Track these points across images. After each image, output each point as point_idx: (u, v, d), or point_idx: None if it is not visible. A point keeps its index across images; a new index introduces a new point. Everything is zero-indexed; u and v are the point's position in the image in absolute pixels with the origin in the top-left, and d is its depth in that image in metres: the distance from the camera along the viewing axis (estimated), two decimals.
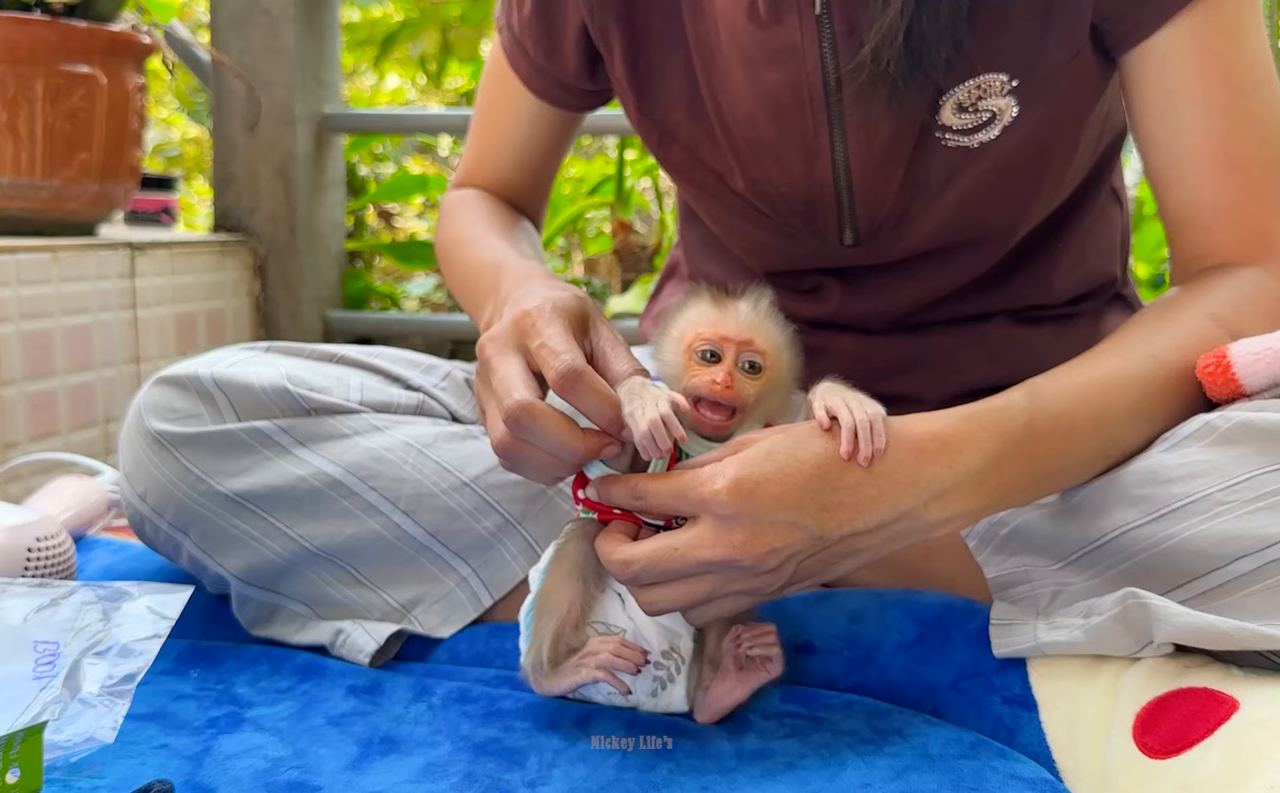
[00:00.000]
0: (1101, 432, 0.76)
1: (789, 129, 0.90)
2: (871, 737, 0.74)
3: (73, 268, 1.48)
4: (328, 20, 1.97)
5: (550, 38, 1.01)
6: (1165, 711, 0.71)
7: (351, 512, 0.88)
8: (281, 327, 1.94)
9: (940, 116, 0.86)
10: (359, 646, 0.87)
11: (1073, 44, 0.84)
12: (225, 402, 0.88)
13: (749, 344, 0.73)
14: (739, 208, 0.97)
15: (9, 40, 1.47)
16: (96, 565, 1.03)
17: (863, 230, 0.93)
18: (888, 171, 0.89)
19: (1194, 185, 0.84)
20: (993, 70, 0.84)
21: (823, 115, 0.88)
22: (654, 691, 0.77)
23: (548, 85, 1.04)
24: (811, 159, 0.90)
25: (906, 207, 0.91)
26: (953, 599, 0.84)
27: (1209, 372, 0.77)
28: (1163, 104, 0.84)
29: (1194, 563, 0.72)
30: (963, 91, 0.85)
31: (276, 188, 1.92)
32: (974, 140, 0.87)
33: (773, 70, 0.88)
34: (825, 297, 1.01)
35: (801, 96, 0.88)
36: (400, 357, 1.00)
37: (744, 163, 0.94)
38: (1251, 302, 0.81)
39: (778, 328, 0.76)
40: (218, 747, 0.75)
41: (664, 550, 0.69)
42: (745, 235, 1.01)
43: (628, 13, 0.95)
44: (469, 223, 1.04)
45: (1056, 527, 0.79)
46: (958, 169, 0.89)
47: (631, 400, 0.70)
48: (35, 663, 0.76)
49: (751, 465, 0.68)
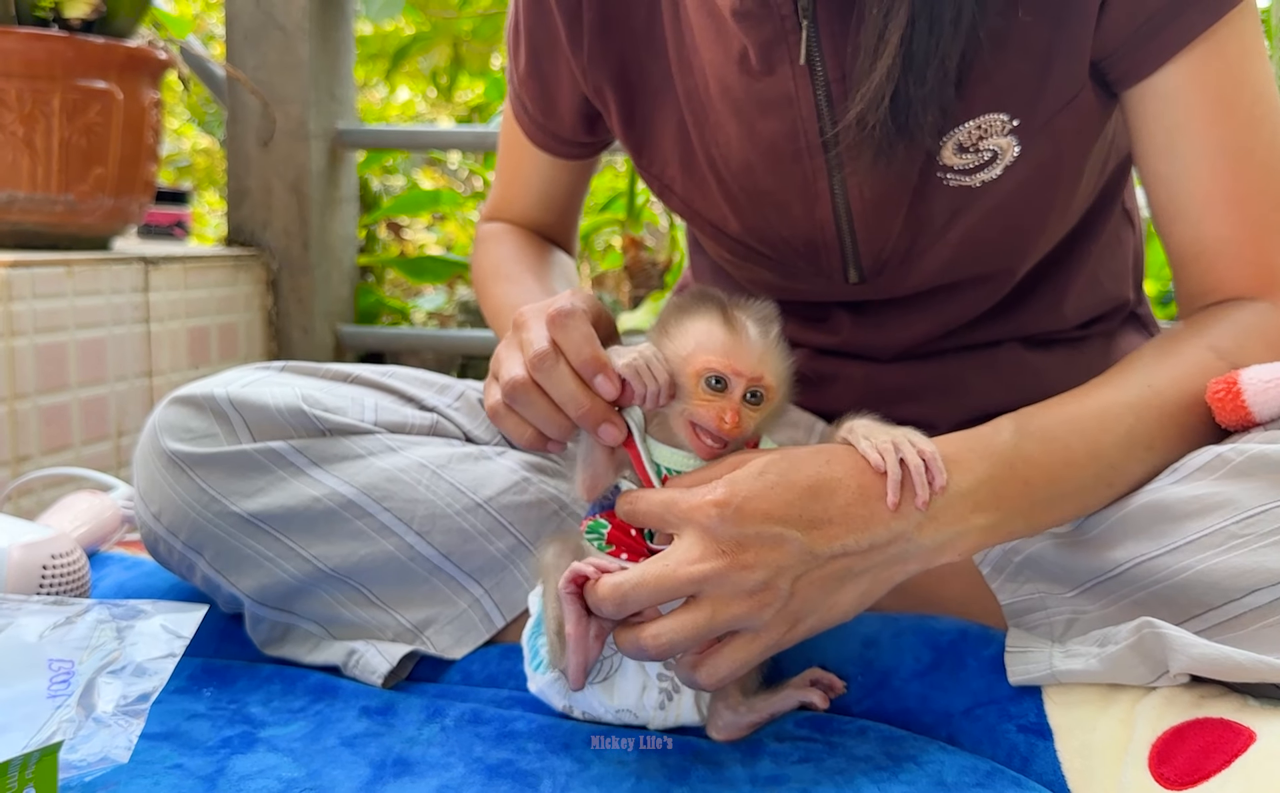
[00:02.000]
0: (1099, 458, 0.75)
1: (787, 176, 0.90)
2: (886, 764, 0.74)
3: (87, 282, 1.49)
4: (342, 36, 1.98)
5: (545, 98, 1.03)
6: (1182, 741, 0.70)
7: (365, 533, 0.88)
8: (293, 341, 1.95)
9: (941, 157, 0.85)
10: (372, 666, 0.87)
11: (1073, 84, 0.83)
12: (240, 422, 0.89)
13: (759, 379, 0.73)
14: (741, 251, 0.98)
15: (27, 55, 1.47)
16: (110, 582, 1.03)
17: (867, 269, 0.93)
18: (889, 213, 0.89)
19: (1197, 222, 0.84)
20: (993, 110, 0.84)
21: (820, 161, 0.88)
22: (660, 703, 0.76)
23: (548, 139, 1.07)
24: (812, 204, 0.90)
25: (910, 245, 0.91)
26: (968, 625, 0.84)
27: (1219, 397, 0.77)
28: (1165, 141, 0.83)
29: (1209, 595, 0.72)
30: (963, 132, 0.84)
31: (290, 203, 1.92)
32: (976, 180, 0.86)
33: (768, 120, 0.88)
34: (834, 326, 1.02)
35: (799, 144, 0.88)
36: (414, 376, 1.00)
37: (740, 211, 0.94)
38: (1254, 333, 0.81)
39: (783, 357, 0.76)
40: (232, 767, 0.75)
41: (651, 569, 0.68)
42: (750, 273, 1.02)
43: (620, 72, 0.96)
44: (503, 258, 1.06)
45: (1070, 556, 0.79)
46: (960, 208, 0.88)
47: (624, 354, 0.73)
48: (50, 681, 0.76)
49: (741, 483, 0.69)
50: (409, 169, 2.97)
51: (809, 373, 1.03)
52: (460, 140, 2.31)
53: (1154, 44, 0.81)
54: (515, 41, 1.02)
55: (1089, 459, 0.75)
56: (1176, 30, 0.80)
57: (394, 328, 2.18)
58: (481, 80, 3.02)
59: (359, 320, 2.10)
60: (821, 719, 0.81)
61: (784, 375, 0.76)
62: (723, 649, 0.70)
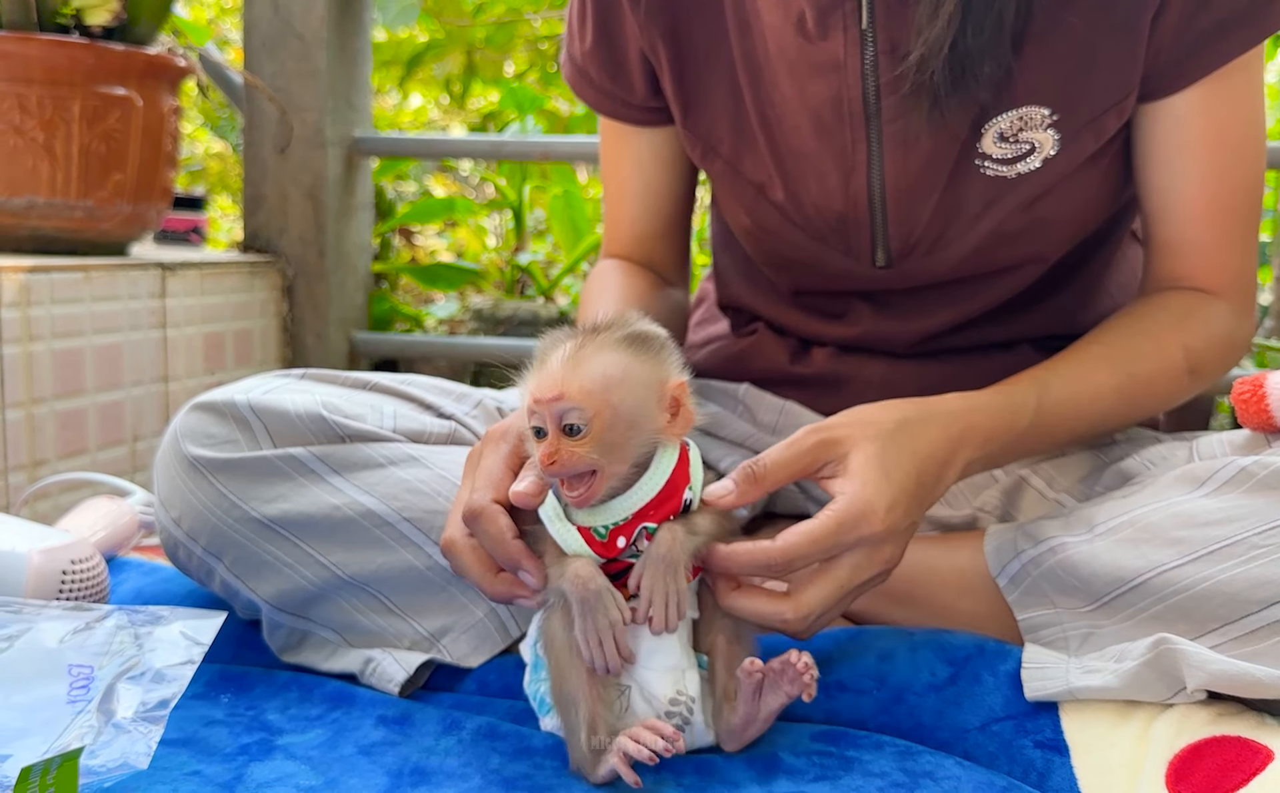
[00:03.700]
0: (1077, 428, 0.90)
1: (829, 141, 0.93)
2: (903, 780, 0.74)
3: (105, 287, 1.50)
4: (360, 44, 1.99)
5: (613, 61, 1.05)
6: (1199, 759, 0.70)
7: (384, 541, 0.88)
8: (308, 347, 1.96)
9: (981, 144, 0.90)
10: (389, 675, 0.88)
11: (1121, 88, 0.88)
12: (261, 428, 0.89)
13: (558, 399, 0.68)
14: (775, 222, 1.00)
15: (48, 62, 1.48)
16: (128, 587, 1.04)
17: (895, 252, 0.96)
18: (924, 193, 0.92)
19: (1181, 226, 0.94)
20: (1034, 103, 0.88)
21: (861, 131, 0.92)
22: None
23: (619, 107, 1.08)
24: (849, 175, 0.93)
25: (941, 231, 0.94)
26: (984, 640, 0.84)
27: (1244, 399, 0.80)
28: (1167, 156, 0.92)
29: (1228, 608, 0.72)
30: (1005, 121, 0.89)
31: (306, 210, 1.93)
32: (1013, 171, 0.91)
33: (817, 83, 0.92)
34: (854, 319, 1.04)
35: (842, 111, 0.92)
36: (432, 385, 1.00)
37: (785, 173, 0.97)
38: (1213, 338, 0.93)
39: (607, 364, 0.69)
40: (250, 775, 0.75)
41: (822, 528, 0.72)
42: (778, 254, 1.04)
43: (672, 31, 0.99)
44: (593, 296, 1.07)
45: (1090, 568, 0.79)
46: (994, 198, 0.92)
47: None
48: (70, 686, 0.77)
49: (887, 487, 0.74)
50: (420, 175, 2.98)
51: (826, 375, 1.04)
52: (476, 149, 2.32)
53: (1188, 66, 0.89)
54: (581, 13, 1.05)
55: (1068, 432, 0.89)
56: (1209, 57, 0.88)
57: (408, 335, 2.19)
58: (494, 88, 3.03)
59: (373, 327, 2.10)
60: (837, 733, 0.81)
61: (607, 381, 0.68)
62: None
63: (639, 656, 0.74)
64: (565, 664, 0.73)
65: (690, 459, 0.74)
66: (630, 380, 0.70)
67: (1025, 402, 0.85)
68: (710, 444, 1.09)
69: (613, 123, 1.10)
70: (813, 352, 1.08)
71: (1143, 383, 0.90)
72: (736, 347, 1.13)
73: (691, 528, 0.72)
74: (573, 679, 0.72)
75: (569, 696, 0.73)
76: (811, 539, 0.71)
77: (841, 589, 0.73)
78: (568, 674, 0.73)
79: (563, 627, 0.73)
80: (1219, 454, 0.83)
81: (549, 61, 3.01)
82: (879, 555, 0.74)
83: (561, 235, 2.39)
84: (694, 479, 0.74)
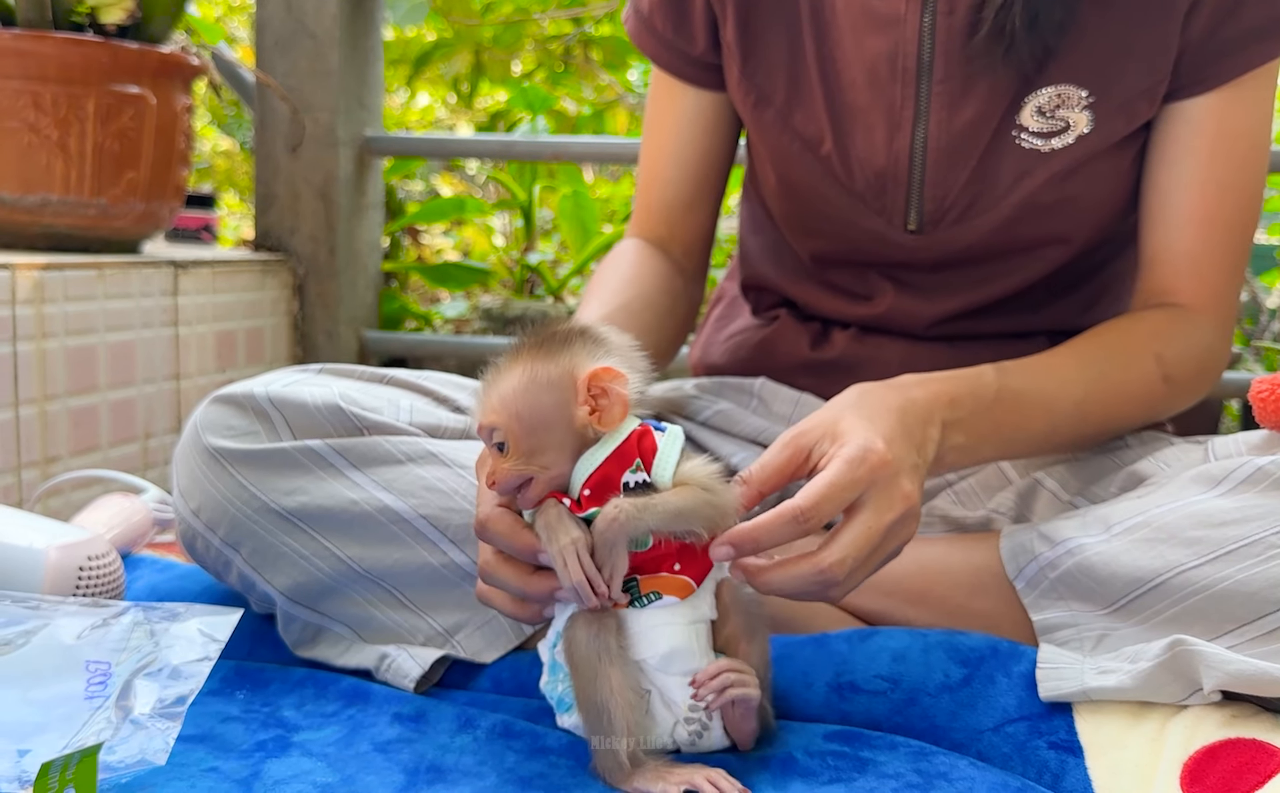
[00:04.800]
0: (1050, 418, 0.90)
1: (879, 97, 0.97)
2: (917, 781, 0.74)
3: (118, 285, 1.50)
4: (371, 44, 1.99)
5: (679, 12, 1.07)
6: (1214, 760, 0.70)
7: (400, 537, 0.89)
8: (318, 346, 1.96)
9: (1020, 117, 0.94)
10: (404, 671, 0.88)
11: (1154, 74, 0.93)
12: (281, 420, 0.90)
13: (482, 427, 0.74)
14: (816, 176, 1.02)
15: (62, 60, 1.49)
16: (143, 584, 1.04)
17: (928, 215, 0.99)
18: (962, 159, 0.96)
19: (1176, 231, 0.96)
20: (1072, 83, 0.93)
21: (911, 88, 0.96)
22: (693, 742, 0.76)
23: (676, 60, 1.10)
24: (894, 131, 0.97)
25: (973, 199, 0.97)
26: (998, 641, 0.84)
27: (1262, 397, 0.81)
28: (1173, 157, 0.95)
29: (1245, 607, 0.72)
30: (1044, 95, 0.93)
31: (317, 209, 1.94)
32: (1047, 145, 0.94)
33: (876, 37, 0.96)
34: (877, 298, 1.06)
35: (895, 66, 0.96)
36: (448, 380, 1.02)
37: (836, 127, 1.00)
38: (1190, 350, 0.96)
39: (509, 378, 0.73)
40: (266, 771, 0.75)
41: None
42: (809, 215, 1.06)
43: None
44: (590, 287, 1.08)
45: (1109, 569, 0.79)
46: (1027, 170, 0.95)
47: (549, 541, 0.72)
48: (87, 683, 0.77)
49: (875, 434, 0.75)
50: (427, 174, 2.99)
51: (846, 359, 1.05)
52: (488, 149, 2.32)
53: (1211, 70, 0.92)
54: None
55: (1043, 417, 0.90)
56: (1230, 65, 0.91)
57: (418, 334, 2.19)
58: (502, 87, 3.03)
59: (383, 326, 2.11)
60: (851, 734, 0.81)
61: (513, 396, 0.73)
62: None
63: (654, 661, 0.74)
64: (595, 671, 0.72)
65: (660, 442, 0.73)
66: (532, 387, 0.72)
67: (984, 374, 0.87)
68: (721, 440, 1.09)
69: (664, 81, 1.12)
70: (834, 336, 1.10)
71: (1115, 384, 0.92)
72: (758, 336, 1.14)
73: (645, 505, 0.71)
74: (604, 687, 0.72)
75: (600, 703, 0.72)
76: (828, 483, 0.72)
77: (870, 531, 0.73)
78: (598, 682, 0.72)
79: (587, 633, 0.73)
80: (1235, 454, 0.83)
81: (556, 61, 3.01)
82: (897, 491, 0.74)
83: (570, 235, 2.40)
84: (661, 458, 0.73)
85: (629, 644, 0.74)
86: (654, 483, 0.72)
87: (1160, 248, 0.97)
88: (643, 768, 0.72)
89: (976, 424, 0.86)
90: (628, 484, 0.72)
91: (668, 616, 0.74)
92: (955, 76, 0.94)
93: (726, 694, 0.73)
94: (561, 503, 0.73)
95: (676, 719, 0.75)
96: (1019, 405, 0.88)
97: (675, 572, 0.73)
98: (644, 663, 0.74)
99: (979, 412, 0.86)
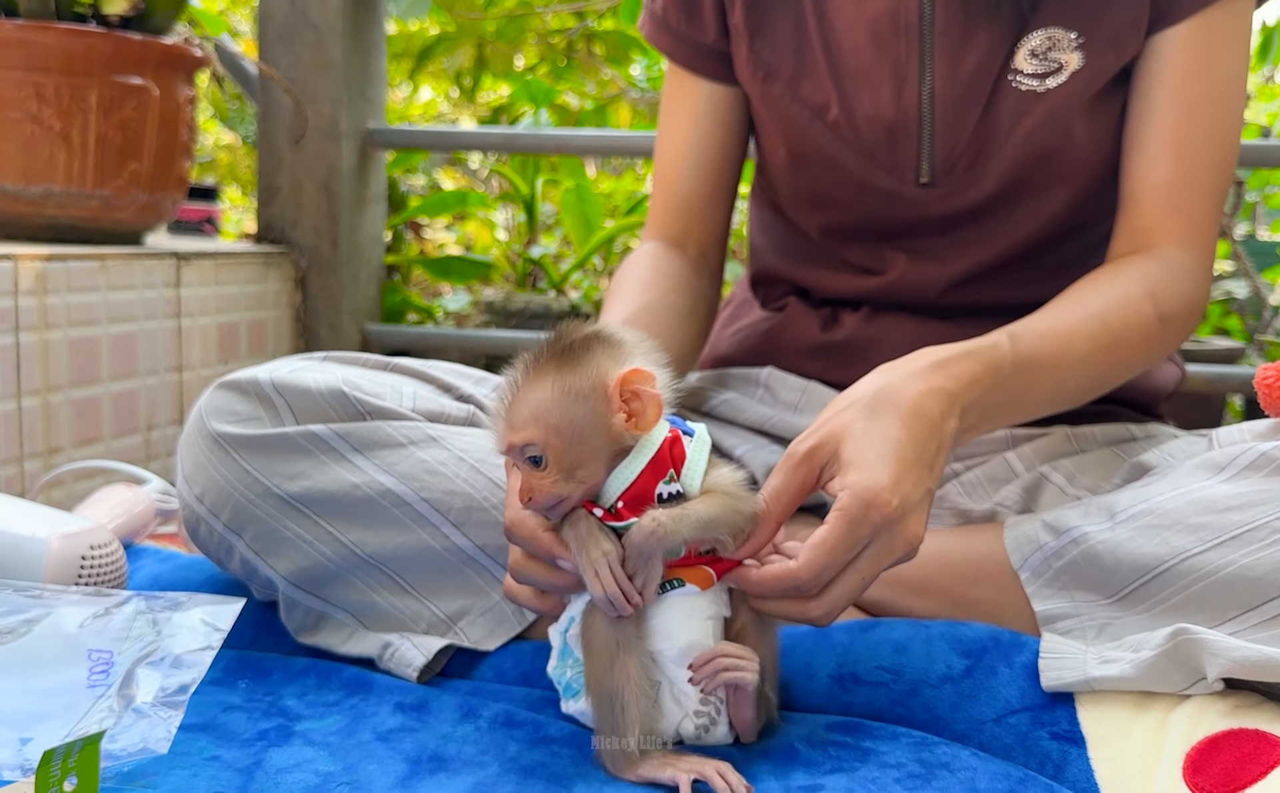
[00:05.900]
0: (1058, 377, 0.89)
1: (884, 55, 1.00)
2: (919, 771, 0.74)
3: (120, 276, 1.50)
4: (374, 37, 1.99)
5: (689, 2, 1.09)
6: (1216, 751, 0.70)
7: (402, 521, 0.89)
8: (320, 338, 1.96)
9: (1015, 60, 0.97)
10: (407, 660, 0.88)
11: (1137, 6, 0.96)
12: (284, 405, 0.90)
13: (512, 446, 0.71)
14: (825, 141, 1.04)
15: (65, 51, 1.49)
16: (145, 573, 1.04)
17: (939, 166, 1.01)
18: (969, 106, 0.99)
19: (1151, 163, 0.98)
20: (1062, 25, 0.96)
21: (914, 44, 0.99)
22: (699, 736, 0.77)
23: (690, 53, 1.11)
24: (901, 86, 1.00)
25: (981, 145, 0.99)
26: (999, 632, 0.84)
27: (1267, 384, 0.81)
28: (1149, 88, 0.98)
29: (1250, 593, 0.73)
30: (1036, 38, 0.97)
31: (320, 201, 1.94)
32: (1042, 85, 0.97)
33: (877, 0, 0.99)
34: (889, 269, 1.07)
35: (898, 23, 0.99)
36: (452, 368, 1.02)
37: (842, 91, 1.02)
38: (1178, 286, 0.96)
39: (540, 392, 0.71)
40: (268, 760, 0.75)
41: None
42: (819, 185, 1.07)
43: None
44: (612, 292, 1.07)
45: (1114, 557, 0.79)
46: (1025, 111, 0.98)
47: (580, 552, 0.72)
48: (89, 671, 0.78)
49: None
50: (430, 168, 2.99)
51: (856, 340, 1.05)
52: (491, 141, 2.32)
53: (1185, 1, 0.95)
54: None
55: (1051, 378, 0.89)
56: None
57: (420, 327, 2.19)
58: (505, 81, 3.03)
59: (385, 319, 2.11)
60: (853, 725, 0.81)
61: (554, 405, 0.70)
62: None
63: (671, 654, 0.74)
64: (612, 658, 0.73)
65: (687, 448, 0.74)
66: (565, 399, 0.71)
67: (999, 345, 0.86)
68: (725, 431, 1.09)
69: (680, 78, 1.13)
70: (843, 318, 1.09)
71: (1116, 330, 0.92)
72: (766, 325, 1.14)
73: (681, 516, 0.71)
74: (620, 676, 0.73)
75: (613, 691, 0.73)
76: (829, 549, 0.71)
77: (864, 579, 0.73)
78: (614, 670, 0.73)
79: (605, 622, 0.73)
80: (1239, 442, 0.83)
81: (559, 56, 3.01)
82: (900, 536, 0.73)
83: (573, 229, 2.40)
84: (691, 466, 0.73)
85: (646, 635, 0.74)
86: (683, 490, 0.73)
87: (1139, 179, 0.98)
88: (649, 757, 0.73)
89: (992, 398, 0.84)
90: (661, 495, 0.72)
91: (687, 610, 0.74)
92: (956, 27, 0.97)
93: (721, 678, 0.73)
94: (593, 514, 0.72)
95: (685, 712, 0.75)
96: (1031, 371, 0.87)
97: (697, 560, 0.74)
98: (659, 655, 0.74)
99: (996, 386, 0.84)
